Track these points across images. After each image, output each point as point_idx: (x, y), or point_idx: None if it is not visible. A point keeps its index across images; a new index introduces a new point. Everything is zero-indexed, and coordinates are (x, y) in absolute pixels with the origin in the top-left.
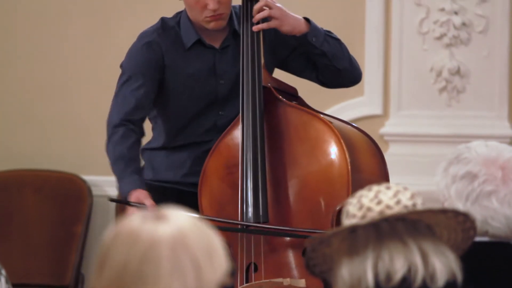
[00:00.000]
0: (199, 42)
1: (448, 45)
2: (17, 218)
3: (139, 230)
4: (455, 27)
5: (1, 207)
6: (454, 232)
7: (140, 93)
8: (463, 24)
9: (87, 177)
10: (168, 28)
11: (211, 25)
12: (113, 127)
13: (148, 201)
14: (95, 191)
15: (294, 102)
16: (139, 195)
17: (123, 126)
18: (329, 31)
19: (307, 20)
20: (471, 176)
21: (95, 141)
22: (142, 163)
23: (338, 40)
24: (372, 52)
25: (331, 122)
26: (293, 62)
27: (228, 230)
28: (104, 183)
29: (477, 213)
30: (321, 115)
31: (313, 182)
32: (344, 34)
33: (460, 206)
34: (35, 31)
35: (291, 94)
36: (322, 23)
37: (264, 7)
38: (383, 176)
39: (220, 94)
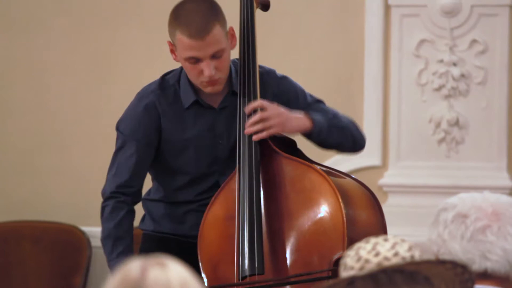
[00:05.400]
0: (197, 103)
1: (447, 96)
2: (15, 270)
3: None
4: (454, 79)
5: (0, 258)
6: (452, 284)
7: (133, 161)
8: (462, 75)
9: (86, 228)
10: (167, 87)
11: (208, 90)
12: (104, 200)
13: None
14: (94, 242)
15: (293, 154)
16: None
17: (112, 199)
18: (334, 115)
19: (308, 115)
20: (461, 216)
21: (94, 192)
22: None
23: (341, 127)
24: (371, 103)
25: (326, 174)
26: None
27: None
28: None
29: (474, 249)
30: (318, 167)
31: (308, 233)
32: (344, 85)
33: (456, 246)
34: (34, 82)
35: (290, 145)
36: (321, 75)
37: (261, 120)
38: (380, 228)
39: (220, 155)
